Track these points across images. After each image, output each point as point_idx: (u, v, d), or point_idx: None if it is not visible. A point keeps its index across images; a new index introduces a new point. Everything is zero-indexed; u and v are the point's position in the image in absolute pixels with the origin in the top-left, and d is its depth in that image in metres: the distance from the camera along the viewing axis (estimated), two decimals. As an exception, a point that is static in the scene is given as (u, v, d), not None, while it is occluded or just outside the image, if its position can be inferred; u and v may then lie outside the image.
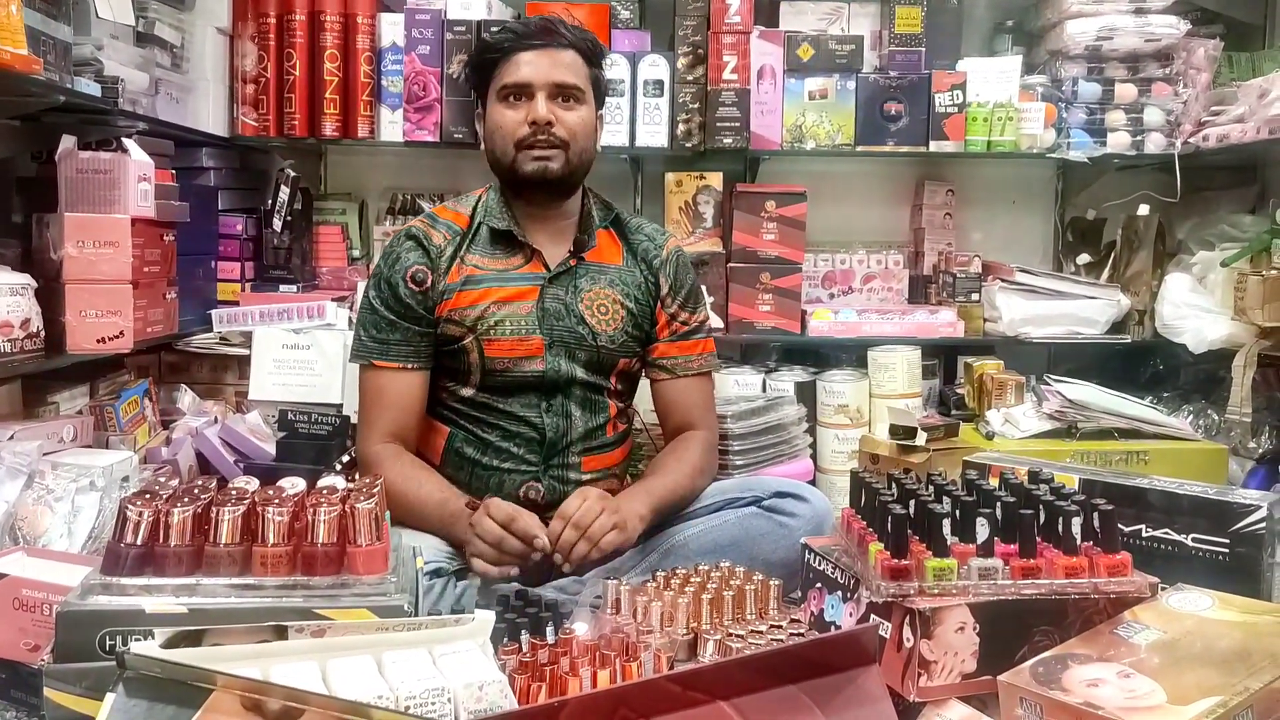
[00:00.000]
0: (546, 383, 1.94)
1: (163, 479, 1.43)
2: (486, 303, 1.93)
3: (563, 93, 1.93)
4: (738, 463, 2.34)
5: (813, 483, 2.53)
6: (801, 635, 1.56)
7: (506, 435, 1.94)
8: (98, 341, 2.08)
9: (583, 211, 2.03)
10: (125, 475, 1.97)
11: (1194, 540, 1.64)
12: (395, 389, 1.93)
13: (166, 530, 1.27)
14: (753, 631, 1.57)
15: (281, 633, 1.14)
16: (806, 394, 2.78)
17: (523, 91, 1.92)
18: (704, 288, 2.25)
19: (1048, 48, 2.94)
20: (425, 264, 1.94)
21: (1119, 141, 2.86)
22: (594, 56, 2.00)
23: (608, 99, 2.59)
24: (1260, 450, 2.65)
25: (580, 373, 1.96)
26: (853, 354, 2.97)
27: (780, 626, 1.60)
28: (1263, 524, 1.58)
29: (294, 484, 1.40)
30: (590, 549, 1.74)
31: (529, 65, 1.92)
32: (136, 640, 1.16)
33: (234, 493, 1.34)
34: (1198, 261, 2.86)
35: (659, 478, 1.95)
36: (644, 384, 2.13)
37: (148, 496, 1.30)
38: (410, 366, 1.94)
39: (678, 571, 1.76)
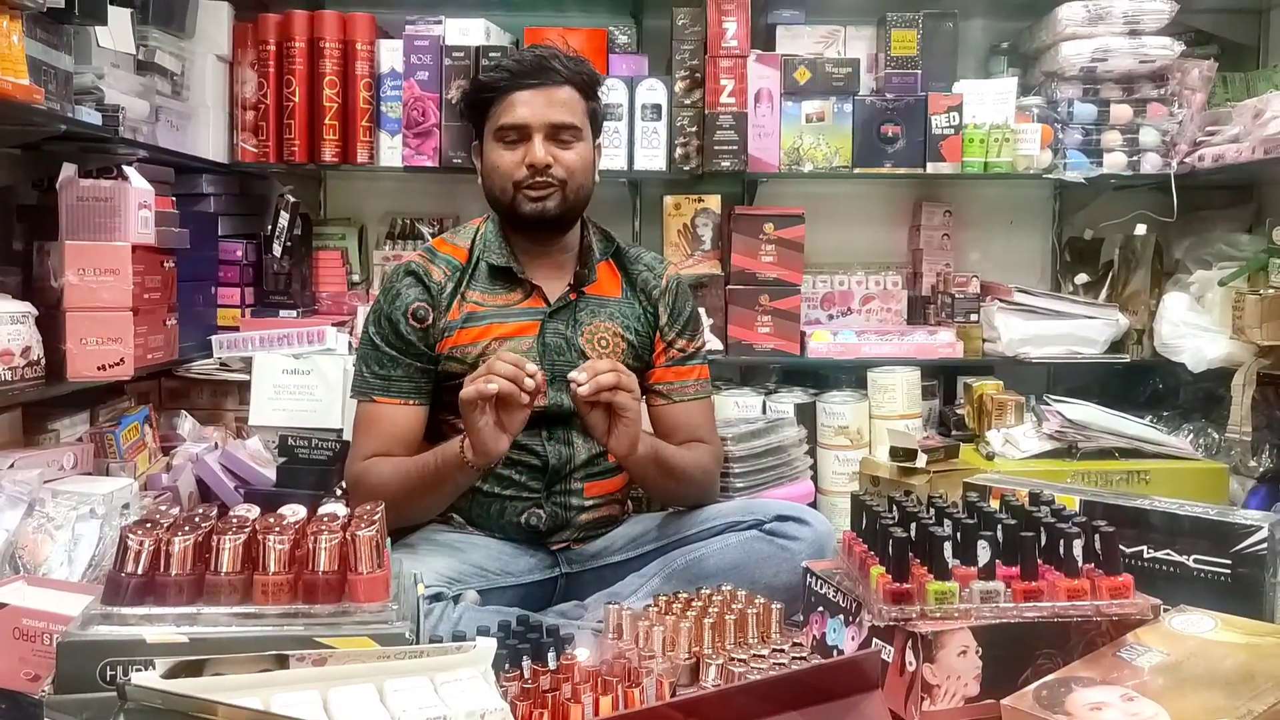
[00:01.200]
0: (549, 416, 1.93)
1: (163, 506, 1.43)
2: (488, 340, 1.92)
3: (559, 132, 1.91)
4: (738, 485, 2.34)
5: (813, 504, 2.53)
6: (804, 659, 1.56)
7: (508, 463, 1.93)
8: (98, 369, 2.08)
9: (582, 244, 2.02)
10: (126, 502, 1.97)
11: (1195, 561, 1.64)
12: (394, 421, 1.91)
13: (167, 559, 1.27)
14: (755, 656, 1.57)
15: (283, 662, 1.13)
16: (806, 415, 2.78)
17: (519, 133, 1.90)
18: (703, 312, 2.24)
19: (1043, 69, 2.96)
20: (426, 300, 1.92)
21: (1115, 162, 2.87)
22: (591, 90, 1.97)
23: (606, 123, 2.60)
24: (1261, 469, 2.65)
25: None
26: (852, 375, 2.98)
27: (782, 650, 1.59)
28: (1264, 545, 1.58)
29: (294, 511, 1.40)
30: (618, 377, 1.72)
31: (525, 106, 1.90)
32: (137, 670, 1.15)
33: (235, 521, 1.34)
34: (1195, 281, 2.87)
35: (663, 444, 1.95)
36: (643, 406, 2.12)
37: (148, 525, 1.30)
38: (411, 402, 1.92)
39: (679, 596, 1.76)
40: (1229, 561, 1.61)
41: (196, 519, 1.34)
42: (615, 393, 1.72)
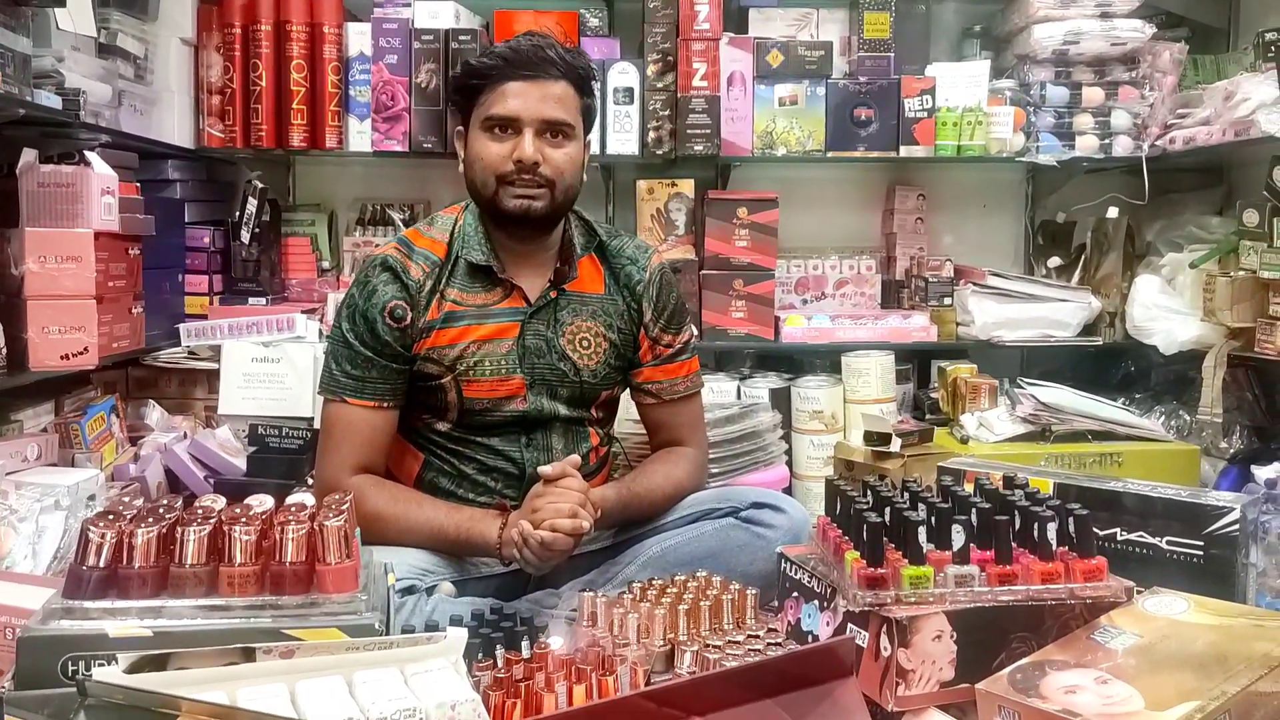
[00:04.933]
0: (528, 420, 1.90)
1: (127, 499, 1.41)
2: (466, 342, 1.85)
3: (551, 128, 1.82)
4: (714, 470, 2.33)
5: (788, 490, 2.52)
6: (779, 645, 1.55)
7: (484, 469, 1.90)
8: (61, 358, 2.05)
9: (564, 239, 1.94)
10: (91, 494, 1.95)
11: (1168, 543, 1.64)
12: (369, 426, 1.85)
13: (130, 551, 1.24)
14: (730, 642, 1.56)
15: (249, 654, 1.11)
16: (781, 400, 2.78)
17: (509, 125, 1.81)
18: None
19: (1015, 52, 2.96)
20: (404, 299, 1.84)
21: (1087, 145, 2.88)
22: (586, 86, 1.89)
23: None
24: (1231, 450, 2.67)
25: (562, 409, 1.91)
26: (826, 360, 2.98)
27: (758, 636, 1.58)
28: (1236, 526, 1.58)
29: (261, 502, 1.37)
30: (576, 525, 1.74)
31: (518, 98, 1.80)
32: (100, 665, 1.13)
33: (200, 512, 1.31)
34: (1167, 263, 2.88)
35: (642, 481, 1.95)
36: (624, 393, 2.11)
37: (111, 517, 1.27)
38: (385, 405, 1.85)
39: (654, 582, 1.75)
40: (1201, 543, 1.61)
41: (161, 510, 1.31)
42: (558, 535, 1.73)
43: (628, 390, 2.06)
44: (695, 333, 2.17)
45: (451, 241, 1.90)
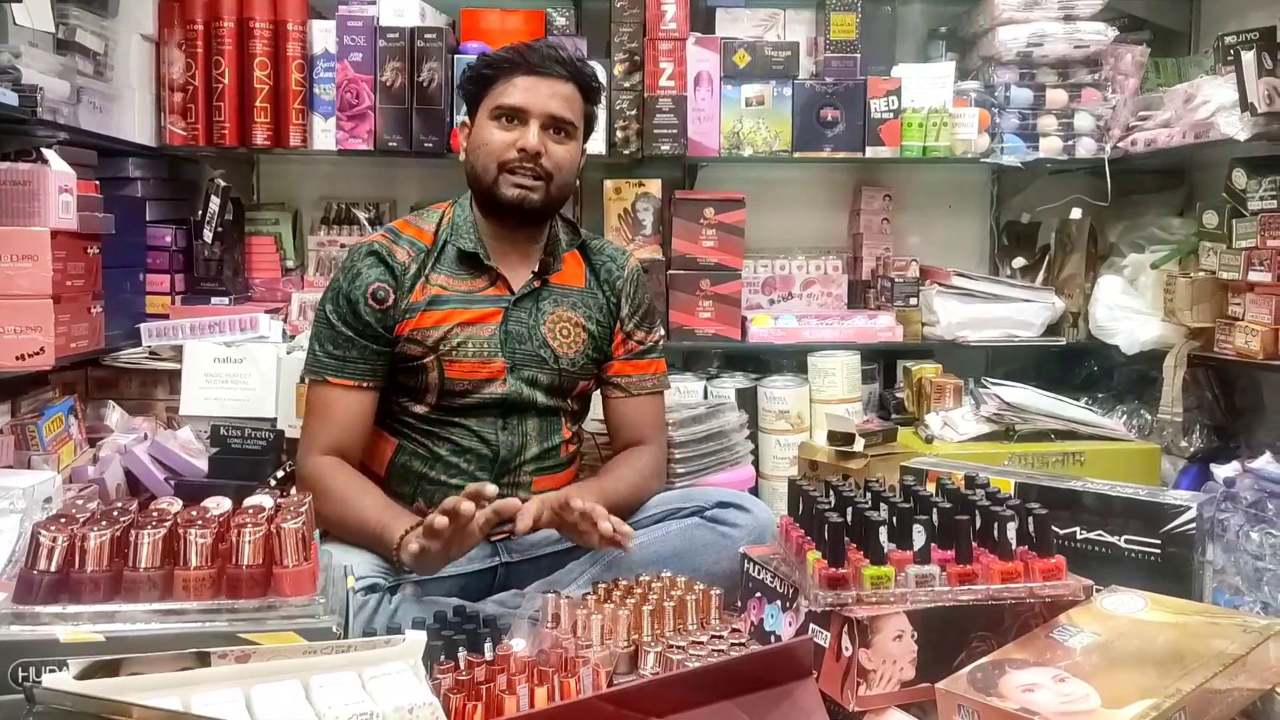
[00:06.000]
0: (506, 404, 1.92)
1: (80, 501, 1.39)
2: (450, 324, 1.90)
3: (556, 124, 1.90)
4: (680, 470, 2.33)
5: (755, 490, 2.53)
6: (742, 645, 1.55)
7: (458, 450, 1.92)
8: (17, 358, 2.02)
9: (549, 234, 2.01)
10: (48, 496, 1.91)
11: (1126, 541, 1.66)
12: (346, 406, 1.89)
13: (82, 555, 1.23)
14: (694, 642, 1.56)
15: (204, 659, 1.10)
16: (748, 400, 2.78)
17: (516, 115, 1.89)
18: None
19: (980, 54, 2.98)
20: (388, 281, 1.90)
21: (1051, 146, 2.90)
22: (592, 93, 1.98)
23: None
24: (1191, 449, 2.70)
25: (540, 396, 1.94)
26: (793, 359, 2.98)
27: (721, 637, 1.58)
28: (1193, 524, 1.60)
29: (218, 504, 1.36)
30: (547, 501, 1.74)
31: (528, 91, 1.89)
32: (51, 671, 1.11)
33: (155, 514, 1.30)
34: (1129, 264, 2.91)
35: (611, 480, 1.95)
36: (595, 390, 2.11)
37: (63, 520, 1.26)
38: (365, 385, 1.90)
39: (618, 583, 1.74)
40: (1159, 541, 1.63)
41: (114, 513, 1.29)
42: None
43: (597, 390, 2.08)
44: (664, 334, 2.19)
45: (439, 232, 1.97)
